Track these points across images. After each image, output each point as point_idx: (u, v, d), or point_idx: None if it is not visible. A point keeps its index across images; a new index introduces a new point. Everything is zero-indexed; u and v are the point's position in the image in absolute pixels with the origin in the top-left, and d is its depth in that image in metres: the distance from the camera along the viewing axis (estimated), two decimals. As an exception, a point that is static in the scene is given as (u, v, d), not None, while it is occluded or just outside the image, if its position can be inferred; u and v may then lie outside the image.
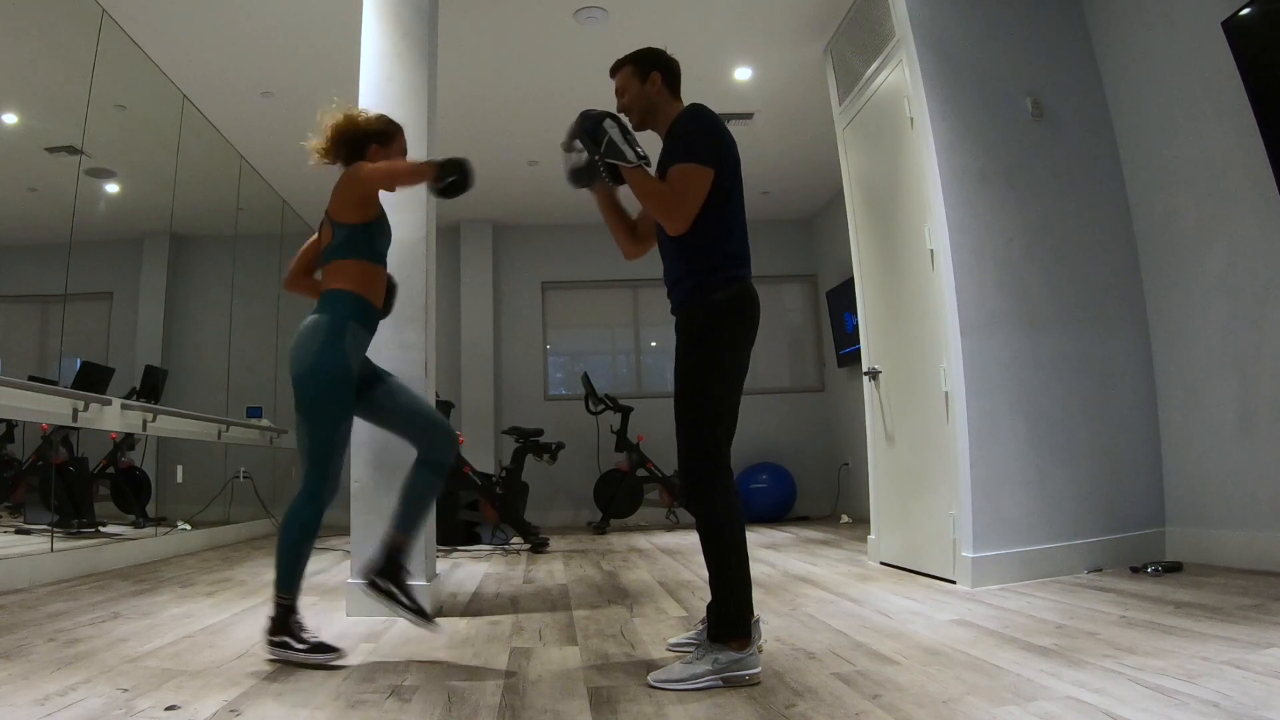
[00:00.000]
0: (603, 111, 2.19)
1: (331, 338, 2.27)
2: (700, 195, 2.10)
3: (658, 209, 2.13)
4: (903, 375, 3.84)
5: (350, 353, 2.29)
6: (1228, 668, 1.84)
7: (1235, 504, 3.22)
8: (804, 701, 1.79)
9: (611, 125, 2.14)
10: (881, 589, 3.23)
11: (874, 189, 4.14)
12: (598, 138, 2.14)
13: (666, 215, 2.12)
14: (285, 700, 1.85)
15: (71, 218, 4.03)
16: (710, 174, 2.10)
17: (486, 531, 5.29)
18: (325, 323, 2.29)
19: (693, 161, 2.10)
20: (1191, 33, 3.32)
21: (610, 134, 2.13)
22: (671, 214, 2.11)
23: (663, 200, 2.12)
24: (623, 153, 2.12)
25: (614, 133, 2.14)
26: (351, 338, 2.30)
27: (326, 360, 2.25)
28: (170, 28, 4.28)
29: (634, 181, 2.15)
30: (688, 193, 2.09)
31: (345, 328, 2.29)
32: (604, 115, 2.17)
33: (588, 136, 2.15)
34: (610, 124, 2.15)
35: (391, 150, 2.46)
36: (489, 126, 5.58)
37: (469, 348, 7.60)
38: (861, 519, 5.80)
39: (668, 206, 2.11)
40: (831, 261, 7.29)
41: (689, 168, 2.10)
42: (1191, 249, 3.44)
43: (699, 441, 2.09)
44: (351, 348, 2.30)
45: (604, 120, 2.15)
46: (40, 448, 4.60)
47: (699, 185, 2.09)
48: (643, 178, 2.14)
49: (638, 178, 2.14)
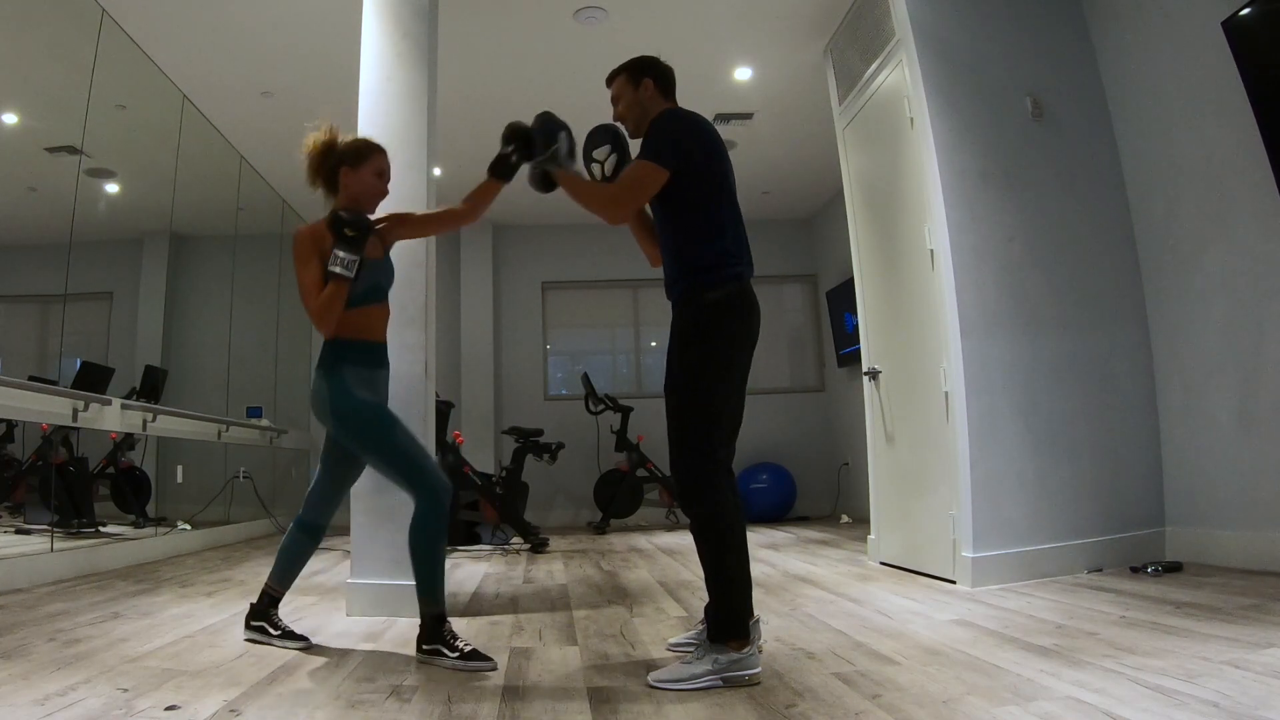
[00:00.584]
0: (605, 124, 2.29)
1: (333, 388, 2.33)
2: (640, 190, 2.15)
3: (590, 206, 2.22)
4: (903, 375, 3.84)
5: (356, 389, 2.34)
6: (1228, 668, 1.84)
7: (1235, 504, 3.22)
8: (804, 701, 1.79)
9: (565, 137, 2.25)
10: (881, 589, 3.23)
11: (874, 189, 4.14)
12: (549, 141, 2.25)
13: (600, 208, 2.20)
14: (285, 700, 1.85)
15: (71, 218, 4.03)
16: (663, 174, 2.13)
17: (486, 531, 5.29)
18: (321, 377, 2.36)
19: (645, 159, 2.15)
20: (1191, 33, 3.32)
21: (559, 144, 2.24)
22: (604, 206, 2.19)
23: (592, 196, 2.22)
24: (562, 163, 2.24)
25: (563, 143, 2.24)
26: (352, 378, 2.34)
27: (340, 405, 2.33)
28: (170, 28, 4.28)
29: (565, 184, 2.25)
30: (628, 185, 2.16)
31: (340, 373, 2.34)
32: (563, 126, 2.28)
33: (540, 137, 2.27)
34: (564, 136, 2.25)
35: (362, 171, 2.40)
36: (489, 126, 5.53)
37: (469, 348, 7.60)
38: (861, 519, 5.80)
39: (599, 200, 2.21)
40: (831, 261, 7.29)
41: (639, 164, 2.16)
42: (1191, 249, 3.44)
43: (692, 442, 2.08)
44: (356, 385, 2.34)
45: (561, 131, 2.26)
46: (40, 448, 4.59)
47: (644, 181, 2.14)
48: (572, 181, 2.24)
49: (568, 182, 2.24)
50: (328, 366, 2.35)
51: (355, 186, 2.39)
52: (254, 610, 2.50)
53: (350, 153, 2.42)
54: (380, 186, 2.45)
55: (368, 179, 2.41)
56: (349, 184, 2.40)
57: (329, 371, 2.34)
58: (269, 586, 2.52)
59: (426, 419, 3.03)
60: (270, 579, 2.53)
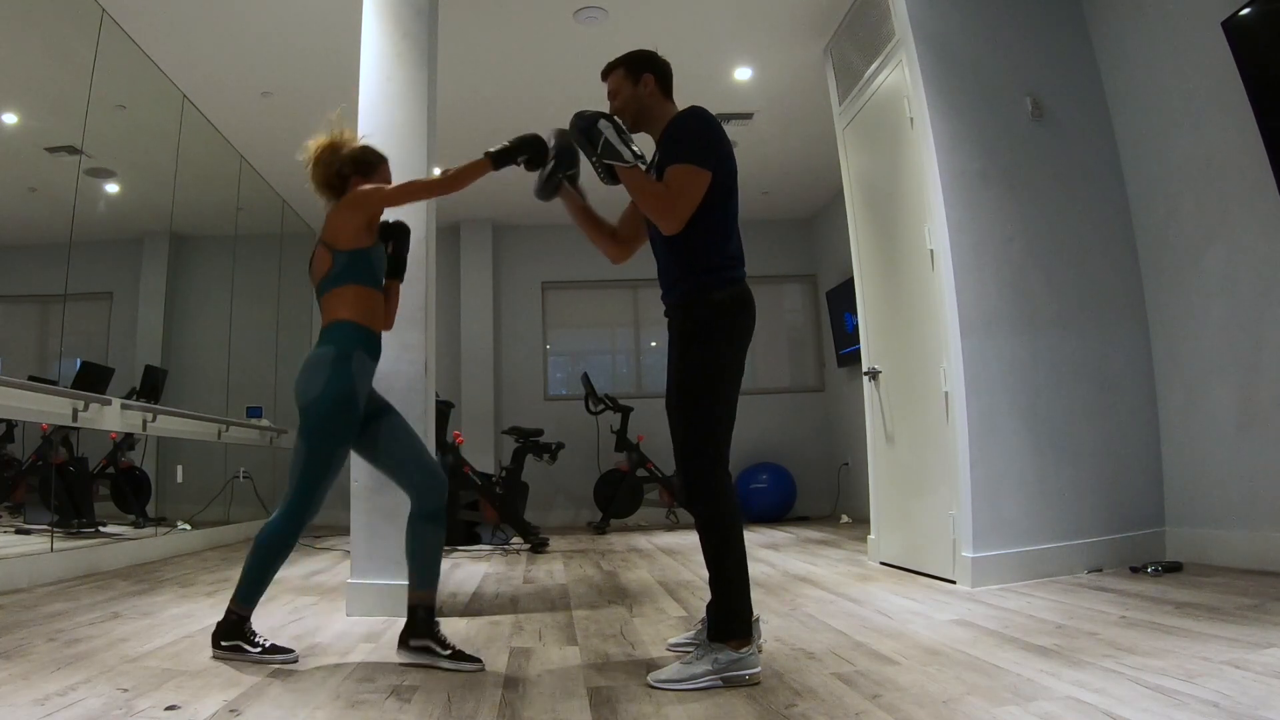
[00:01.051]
0: (597, 112, 2.18)
1: (338, 366, 2.25)
2: (696, 196, 2.09)
3: (653, 208, 2.13)
4: (903, 375, 3.84)
5: (357, 380, 2.29)
6: (1228, 668, 1.84)
7: (1235, 504, 3.22)
8: (804, 701, 1.79)
9: (607, 125, 2.14)
10: (881, 589, 3.23)
11: (874, 189, 4.14)
12: (593, 138, 2.13)
13: (661, 214, 2.11)
14: (285, 700, 1.85)
15: (71, 218, 4.03)
16: (708, 176, 2.10)
17: (486, 531, 5.29)
18: (331, 352, 2.27)
19: (691, 163, 2.10)
20: (1191, 33, 3.32)
21: (606, 134, 2.13)
22: (666, 213, 2.10)
23: (658, 200, 2.11)
24: (619, 152, 2.12)
25: (609, 132, 2.13)
26: (358, 365, 2.29)
27: (333, 387, 2.23)
28: (170, 28, 4.28)
29: (629, 181, 2.14)
30: (684, 193, 2.09)
31: (351, 355, 2.28)
32: (598, 115, 2.17)
33: (583, 137, 2.14)
34: (605, 124, 2.14)
35: (373, 180, 2.41)
36: (489, 126, 5.56)
37: (469, 348, 7.60)
38: (861, 519, 5.80)
39: (663, 206, 2.11)
40: (831, 261, 7.29)
41: (687, 168, 2.10)
42: (1191, 249, 3.44)
43: (697, 441, 2.09)
44: (358, 375, 2.29)
45: (599, 121, 2.14)
46: (40, 448, 4.59)
47: (696, 186, 2.09)
48: (638, 177, 2.14)
49: (633, 177, 2.14)
50: (341, 345, 2.28)
51: None
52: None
53: (362, 163, 2.42)
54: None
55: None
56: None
57: (342, 351, 2.27)
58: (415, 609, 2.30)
59: (426, 419, 3.03)
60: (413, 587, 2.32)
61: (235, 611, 2.25)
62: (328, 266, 2.34)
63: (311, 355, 2.31)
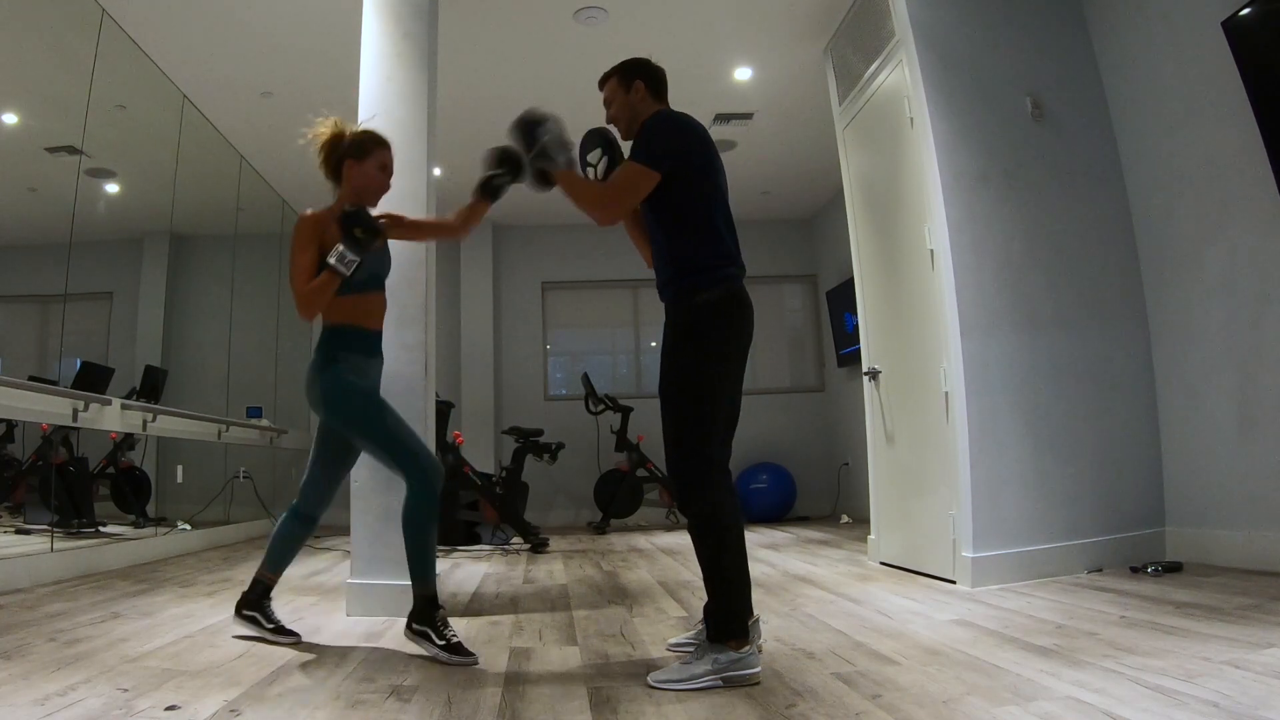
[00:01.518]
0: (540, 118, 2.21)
1: (326, 373, 2.36)
2: (631, 193, 2.14)
3: (584, 205, 2.18)
4: (903, 375, 3.84)
5: (351, 375, 2.36)
6: (1228, 668, 1.84)
7: (1235, 504, 3.22)
8: (804, 701, 1.79)
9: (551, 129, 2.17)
10: (881, 589, 3.23)
11: (874, 189, 4.14)
12: (532, 140, 2.18)
13: (591, 206, 2.17)
14: (285, 700, 1.85)
15: (71, 218, 4.03)
16: (654, 176, 2.12)
17: (486, 531, 5.28)
18: (317, 363, 2.38)
19: (636, 161, 2.14)
20: (1191, 33, 3.32)
21: (546, 138, 2.17)
22: (596, 207, 2.16)
23: (587, 196, 2.18)
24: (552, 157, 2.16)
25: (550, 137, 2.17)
26: (345, 365, 2.36)
27: (331, 390, 2.35)
28: (170, 28, 4.28)
29: (562, 182, 2.19)
30: (618, 188, 2.14)
31: (335, 358, 2.36)
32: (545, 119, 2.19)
33: (522, 138, 2.20)
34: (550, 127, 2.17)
35: (366, 164, 2.44)
36: (489, 126, 5.54)
37: (469, 348, 7.60)
38: (861, 519, 5.80)
39: (592, 199, 2.17)
40: (831, 261, 7.29)
41: (630, 166, 2.15)
42: (1191, 249, 3.44)
43: (688, 442, 2.09)
44: (351, 371, 2.36)
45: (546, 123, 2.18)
46: (40, 448, 4.59)
47: (634, 183, 2.13)
48: (569, 179, 2.18)
49: (564, 179, 2.18)
50: (323, 352, 2.38)
51: (359, 179, 2.43)
52: (246, 599, 2.51)
53: (354, 146, 2.45)
54: (383, 181, 2.49)
55: (371, 172, 2.44)
56: (353, 176, 2.43)
57: (324, 357, 2.37)
58: (262, 574, 2.53)
59: (426, 419, 3.03)
60: (263, 567, 2.53)
61: (419, 594, 2.32)
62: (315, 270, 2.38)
63: (307, 367, 2.41)
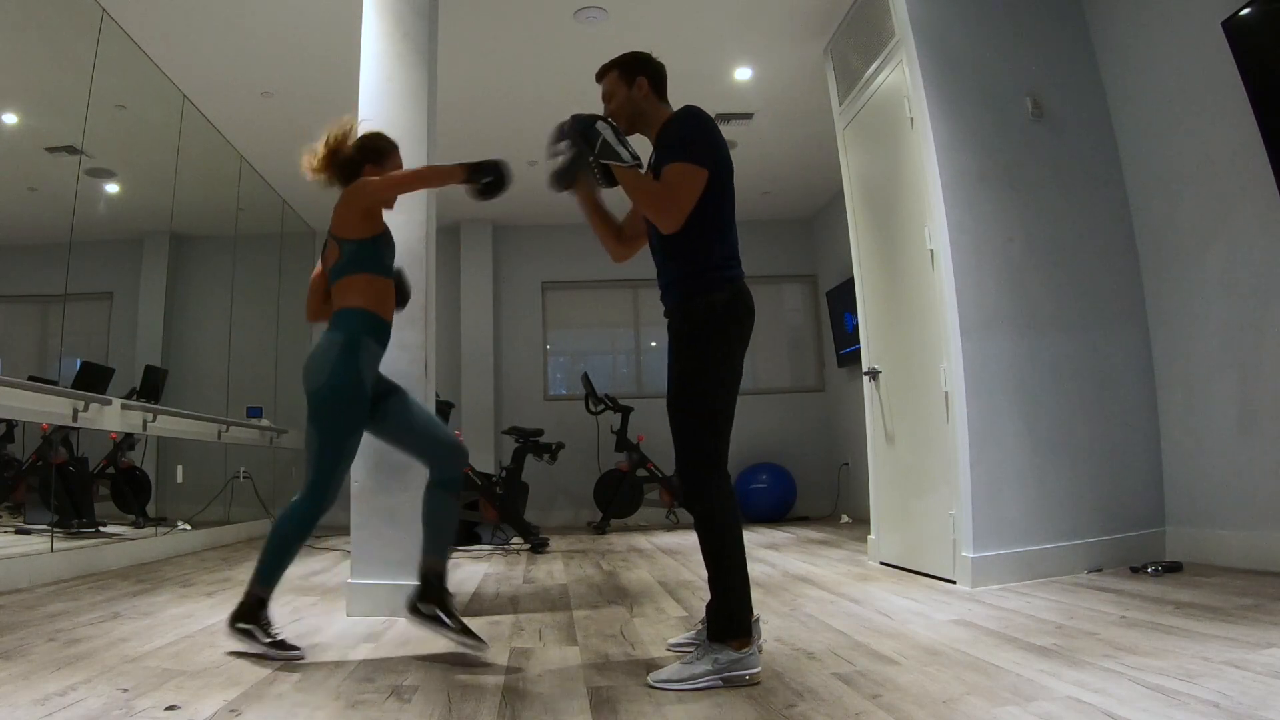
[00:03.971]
0: (593, 115, 2.19)
1: (345, 354, 2.31)
2: (693, 195, 2.10)
3: (651, 208, 2.14)
4: (903, 375, 3.84)
5: (364, 368, 2.33)
6: (1228, 668, 1.84)
7: (1235, 504, 3.22)
8: (804, 701, 1.79)
9: (604, 127, 2.15)
10: (881, 589, 3.23)
11: (874, 189, 4.14)
12: (591, 139, 2.14)
13: (659, 214, 2.12)
14: (285, 700, 1.85)
15: (71, 218, 4.03)
16: (704, 174, 2.10)
17: (486, 531, 5.29)
18: (339, 340, 2.32)
19: (688, 161, 2.10)
20: (1191, 33, 3.32)
21: (604, 135, 2.14)
22: (664, 212, 2.11)
23: (656, 199, 2.12)
24: (617, 153, 2.13)
25: (607, 134, 2.14)
26: (365, 353, 2.34)
27: (340, 376, 2.30)
28: (170, 28, 4.28)
29: (627, 181, 2.15)
30: (681, 190, 2.10)
31: (359, 344, 2.33)
32: (596, 117, 2.18)
33: (580, 137, 2.15)
34: (603, 125, 2.15)
35: (386, 167, 2.48)
36: (489, 126, 5.58)
37: (469, 348, 7.60)
38: (861, 519, 5.80)
39: (661, 205, 2.12)
40: (831, 261, 7.29)
41: (684, 167, 2.10)
42: (1191, 249, 3.44)
43: (697, 441, 2.09)
44: (365, 363, 2.34)
45: (596, 122, 2.16)
46: (40, 448, 4.59)
47: (693, 185, 2.10)
48: (636, 177, 2.15)
49: (631, 177, 2.14)
50: (350, 333, 2.33)
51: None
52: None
53: (372, 150, 2.48)
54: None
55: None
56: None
57: (350, 339, 2.32)
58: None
59: (426, 419, 3.03)
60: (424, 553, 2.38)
61: (255, 594, 2.28)
62: (336, 256, 2.41)
63: (320, 341, 2.36)
